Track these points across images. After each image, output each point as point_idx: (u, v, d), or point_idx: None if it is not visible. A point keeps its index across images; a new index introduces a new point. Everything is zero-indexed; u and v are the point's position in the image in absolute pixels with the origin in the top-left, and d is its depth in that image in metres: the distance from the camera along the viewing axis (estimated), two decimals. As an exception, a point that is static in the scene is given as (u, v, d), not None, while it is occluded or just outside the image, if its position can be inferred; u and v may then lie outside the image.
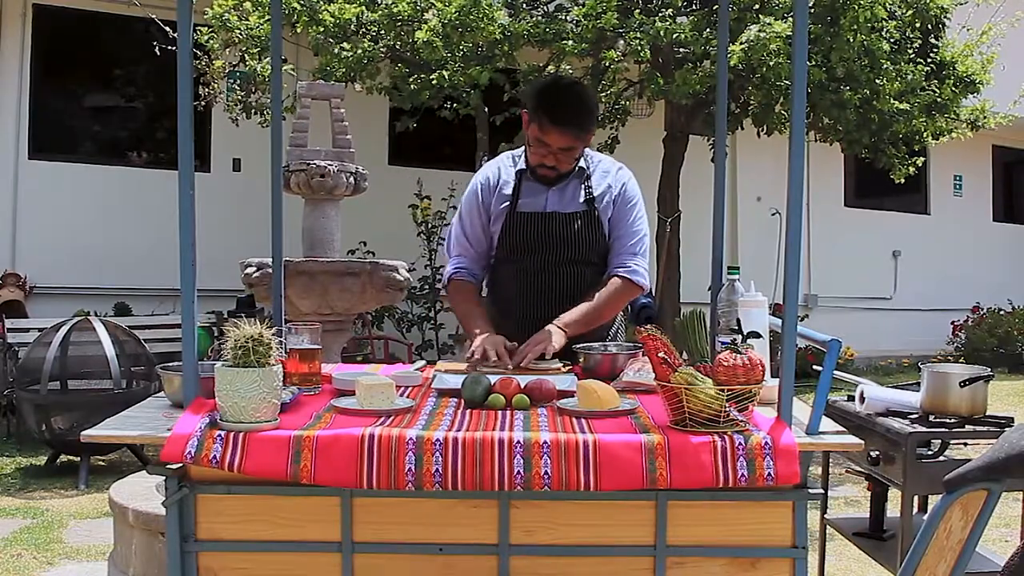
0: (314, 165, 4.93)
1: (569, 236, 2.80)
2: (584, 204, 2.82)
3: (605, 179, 2.86)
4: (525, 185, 2.83)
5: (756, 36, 6.27)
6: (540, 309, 2.79)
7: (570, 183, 2.83)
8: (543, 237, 2.79)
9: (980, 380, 2.80)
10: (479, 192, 2.88)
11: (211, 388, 1.89)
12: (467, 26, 6.25)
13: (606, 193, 2.84)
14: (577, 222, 2.80)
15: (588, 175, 2.85)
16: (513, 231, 2.81)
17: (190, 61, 1.97)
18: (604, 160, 2.93)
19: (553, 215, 2.80)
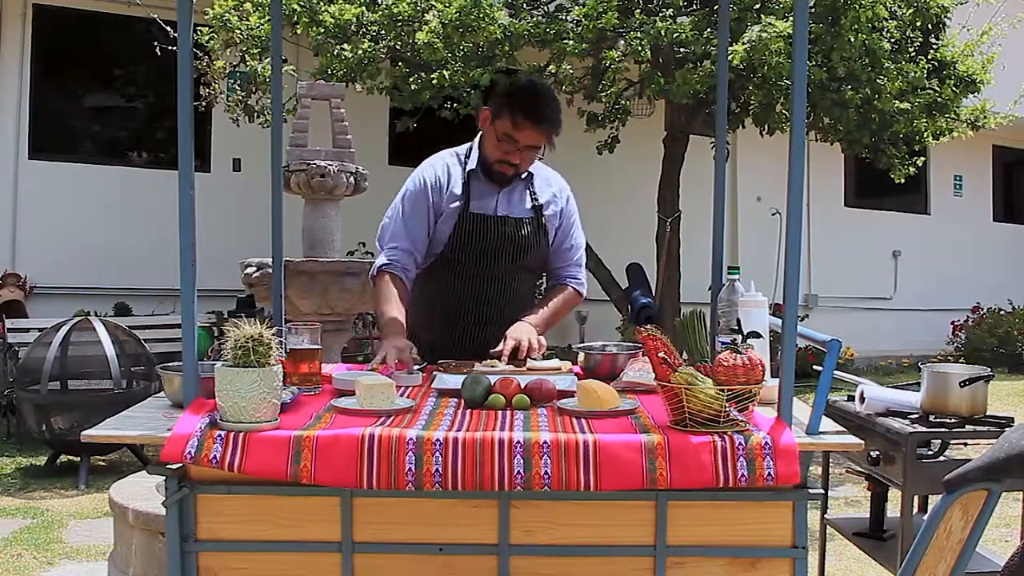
0: (314, 165, 4.93)
1: (518, 241, 2.80)
2: (531, 210, 2.84)
3: (548, 188, 2.89)
4: (474, 186, 2.82)
5: (757, 36, 6.27)
6: (478, 311, 2.83)
7: (516, 187, 2.85)
8: (493, 240, 2.79)
9: (980, 380, 2.80)
10: (428, 191, 2.82)
11: (211, 388, 1.89)
12: (467, 26, 6.25)
13: (551, 202, 2.88)
14: (526, 227, 2.83)
15: (532, 180, 2.87)
16: (465, 232, 2.78)
17: (190, 61, 1.97)
18: (542, 167, 2.94)
19: (505, 219, 2.81)
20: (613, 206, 9.48)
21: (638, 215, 8.76)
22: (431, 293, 2.89)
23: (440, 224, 2.82)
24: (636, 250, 6.82)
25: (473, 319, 2.82)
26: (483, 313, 2.82)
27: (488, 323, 2.80)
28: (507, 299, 2.85)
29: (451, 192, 2.81)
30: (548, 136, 2.73)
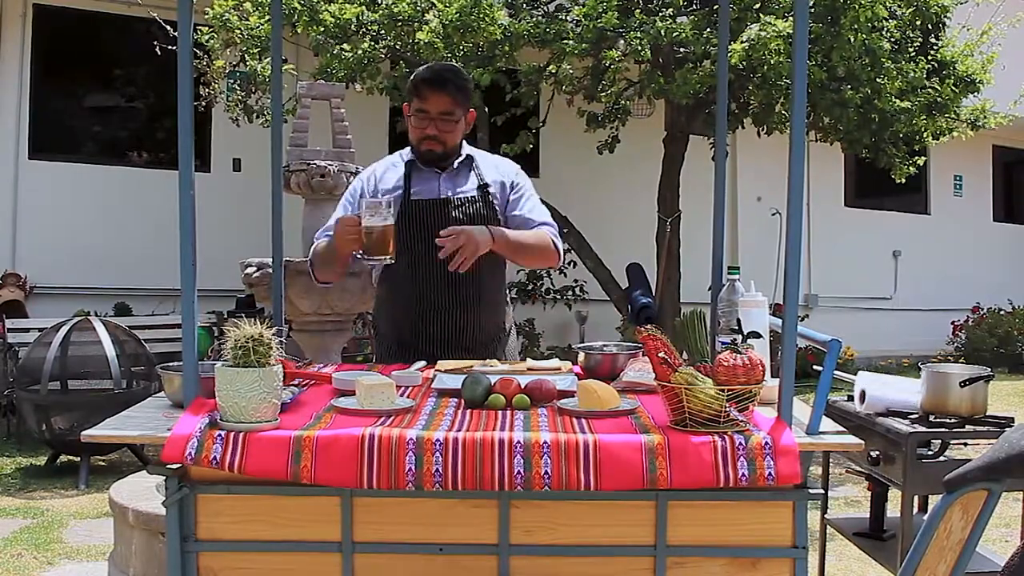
0: (314, 165, 4.93)
1: (465, 221, 2.78)
2: (477, 188, 2.85)
3: (495, 170, 2.91)
4: (415, 175, 2.84)
5: (757, 35, 6.27)
6: (437, 298, 2.80)
7: (460, 170, 2.87)
8: (440, 223, 2.76)
9: (980, 380, 2.80)
10: (362, 185, 2.87)
11: (211, 388, 1.89)
12: (468, 27, 6.25)
13: (499, 179, 2.88)
14: (473, 205, 2.82)
15: (476, 163, 2.89)
16: (410, 218, 2.79)
17: (190, 61, 1.97)
18: (486, 155, 2.98)
19: (448, 199, 2.81)
20: (613, 206, 9.48)
21: (638, 215, 8.76)
22: (392, 288, 2.90)
23: None
24: (636, 250, 6.82)
25: (434, 305, 2.80)
26: (444, 298, 2.79)
27: (451, 307, 2.79)
28: (468, 282, 2.79)
29: (388, 184, 2.84)
30: (454, 100, 2.76)
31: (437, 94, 2.75)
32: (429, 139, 2.78)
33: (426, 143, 2.79)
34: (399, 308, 2.86)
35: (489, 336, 2.89)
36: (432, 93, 2.75)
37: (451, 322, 2.79)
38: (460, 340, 2.81)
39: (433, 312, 2.80)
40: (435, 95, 2.75)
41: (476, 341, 2.84)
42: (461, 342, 2.81)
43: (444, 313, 2.80)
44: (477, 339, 2.84)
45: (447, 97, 2.76)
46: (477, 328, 2.84)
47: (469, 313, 2.82)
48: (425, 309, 2.81)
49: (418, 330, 2.81)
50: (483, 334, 2.87)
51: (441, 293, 2.80)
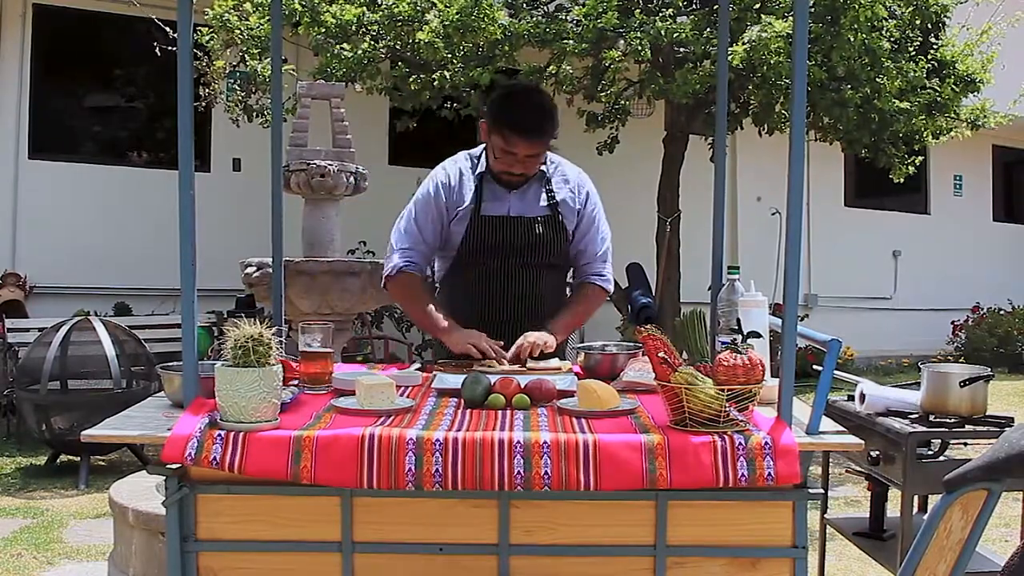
0: (314, 165, 4.93)
1: (532, 240, 2.80)
2: (547, 208, 2.83)
3: (566, 185, 2.87)
4: (487, 188, 2.81)
5: (757, 36, 6.27)
6: (499, 311, 2.82)
7: (531, 187, 2.83)
8: (507, 241, 2.79)
9: (980, 380, 2.80)
10: (439, 191, 2.82)
11: (211, 388, 1.89)
12: (468, 27, 6.25)
13: (569, 199, 2.86)
14: (540, 226, 2.81)
15: (548, 178, 2.85)
16: (477, 234, 2.79)
17: (190, 61, 1.97)
18: (562, 163, 2.93)
19: (518, 219, 2.80)
20: (613, 206, 9.43)
21: (638, 215, 8.76)
22: (454, 297, 2.90)
23: (453, 226, 2.82)
24: (636, 250, 6.81)
25: (498, 319, 2.80)
26: (508, 313, 2.80)
27: (514, 322, 2.78)
28: (531, 297, 2.83)
29: (461, 195, 2.81)
30: (543, 143, 2.73)
31: (526, 143, 2.68)
32: (511, 174, 2.75)
33: (508, 176, 2.76)
34: (464, 321, 2.80)
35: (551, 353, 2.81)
36: (521, 141, 2.67)
37: (513, 334, 2.73)
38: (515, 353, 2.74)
39: (496, 327, 2.76)
40: (524, 144, 2.68)
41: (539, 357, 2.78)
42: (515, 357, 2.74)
43: (507, 328, 2.76)
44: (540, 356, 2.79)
45: (536, 143, 2.70)
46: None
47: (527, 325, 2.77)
48: (488, 324, 2.77)
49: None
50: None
51: (504, 309, 2.81)
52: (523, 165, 2.73)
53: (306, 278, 4.67)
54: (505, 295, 2.83)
